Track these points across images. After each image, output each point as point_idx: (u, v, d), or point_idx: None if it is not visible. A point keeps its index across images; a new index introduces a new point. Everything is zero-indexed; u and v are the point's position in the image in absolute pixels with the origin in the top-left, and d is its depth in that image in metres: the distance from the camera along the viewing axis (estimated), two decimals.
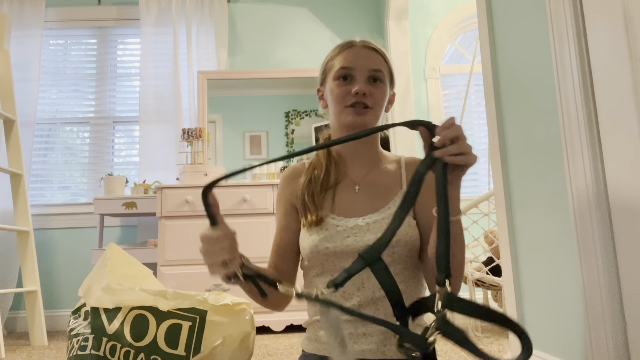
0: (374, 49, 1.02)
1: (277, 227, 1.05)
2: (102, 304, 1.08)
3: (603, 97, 1.13)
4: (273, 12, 3.54)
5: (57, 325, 3.01)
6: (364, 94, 0.96)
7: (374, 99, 0.97)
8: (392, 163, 1.05)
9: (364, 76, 0.98)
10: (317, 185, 1.00)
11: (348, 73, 0.98)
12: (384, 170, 1.03)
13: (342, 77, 0.99)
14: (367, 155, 1.04)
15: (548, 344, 1.40)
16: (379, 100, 0.99)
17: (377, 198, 0.98)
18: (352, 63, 0.98)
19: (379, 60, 1.00)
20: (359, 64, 0.98)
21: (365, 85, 0.97)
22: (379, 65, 1.00)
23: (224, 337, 1.06)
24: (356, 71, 0.98)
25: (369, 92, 0.97)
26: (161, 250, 2.57)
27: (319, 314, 0.68)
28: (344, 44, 1.03)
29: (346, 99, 0.97)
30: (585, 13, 1.18)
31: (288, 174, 1.09)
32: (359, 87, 0.96)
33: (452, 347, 2.04)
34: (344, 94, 0.98)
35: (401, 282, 0.92)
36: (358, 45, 1.02)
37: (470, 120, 3.53)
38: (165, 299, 1.08)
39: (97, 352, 1.04)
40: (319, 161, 1.05)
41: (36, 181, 3.32)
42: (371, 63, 0.99)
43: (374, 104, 0.98)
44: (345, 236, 0.93)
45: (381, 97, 0.99)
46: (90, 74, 3.48)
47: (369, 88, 0.97)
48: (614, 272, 1.11)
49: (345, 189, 1.01)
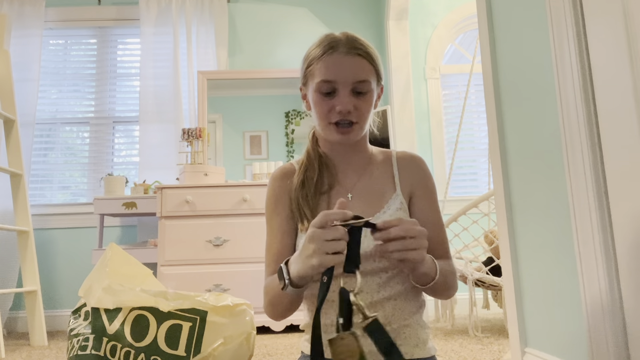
0: (358, 53, 0.92)
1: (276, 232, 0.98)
2: (103, 305, 1.08)
3: (603, 97, 1.13)
4: (273, 12, 3.55)
5: (57, 325, 3.01)
6: (348, 111, 0.91)
7: (359, 113, 0.92)
8: (383, 162, 1.02)
9: (348, 89, 0.91)
10: (310, 188, 0.96)
11: (331, 87, 0.92)
12: (376, 173, 1.00)
13: (324, 92, 0.92)
14: (357, 161, 1.01)
15: (548, 344, 1.40)
16: (364, 112, 0.93)
17: (371, 204, 0.96)
18: (334, 76, 0.91)
19: (364, 68, 0.92)
20: (341, 76, 0.91)
21: (349, 100, 0.91)
22: (363, 74, 0.92)
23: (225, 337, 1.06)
24: (339, 84, 0.91)
25: (353, 108, 0.91)
26: (161, 250, 2.57)
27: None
28: (326, 45, 0.93)
29: (330, 116, 0.93)
30: (585, 13, 1.18)
31: (281, 175, 1.02)
32: (342, 106, 0.90)
33: (452, 348, 2.04)
34: (327, 111, 0.93)
35: (397, 283, 0.91)
36: (341, 50, 0.92)
37: (470, 120, 3.53)
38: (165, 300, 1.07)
39: (98, 352, 1.04)
40: (310, 162, 1.00)
41: (36, 181, 3.32)
42: (355, 74, 0.91)
43: (359, 118, 0.93)
44: None
45: (367, 109, 0.94)
46: (90, 74, 3.48)
47: (353, 103, 0.91)
48: (614, 272, 1.11)
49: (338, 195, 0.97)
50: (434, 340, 2.21)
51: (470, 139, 3.55)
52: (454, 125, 3.45)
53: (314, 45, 0.97)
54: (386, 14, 3.36)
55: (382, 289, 0.90)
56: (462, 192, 3.46)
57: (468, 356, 1.86)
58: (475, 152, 3.55)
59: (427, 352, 0.92)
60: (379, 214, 0.95)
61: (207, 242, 2.59)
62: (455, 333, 2.39)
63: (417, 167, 1.02)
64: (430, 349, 0.93)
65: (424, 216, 0.97)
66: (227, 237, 2.59)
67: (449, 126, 3.51)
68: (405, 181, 0.99)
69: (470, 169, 3.55)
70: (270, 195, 1.02)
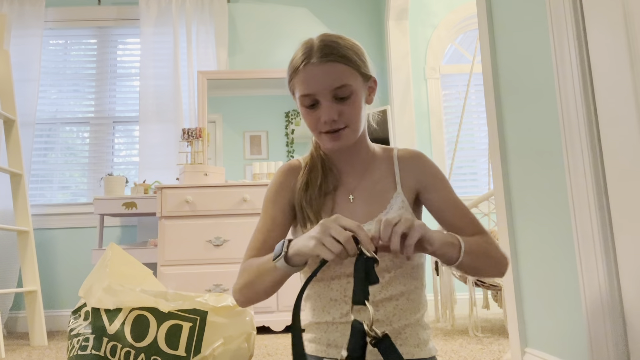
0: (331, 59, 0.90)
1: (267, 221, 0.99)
2: (103, 305, 1.08)
3: (603, 97, 1.13)
4: (273, 12, 3.55)
5: (57, 325, 3.01)
6: (332, 120, 0.91)
7: (345, 117, 0.92)
8: (385, 162, 1.02)
9: (328, 98, 0.91)
10: (314, 190, 0.97)
11: (312, 100, 0.92)
12: (377, 173, 1.01)
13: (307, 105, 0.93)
14: (358, 162, 1.01)
15: (548, 344, 1.40)
16: (351, 116, 0.93)
17: (373, 205, 0.97)
18: (312, 89, 0.90)
19: (341, 73, 0.90)
20: (319, 87, 0.90)
21: (331, 109, 0.90)
22: (341, 79, 0.90)
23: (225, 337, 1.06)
24: (319, 95, 0.91)
25: (338, 115, 0.91)
26: (161, 250, 2.57)
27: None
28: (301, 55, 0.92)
29: (318, 126, 0.94)
30: (585, 13, 1.18)
31: (288, 169, 1.04)
32: (326, 116, 0.91)
33: (452, 348, 2.04)
34: (314, 122, 0.94)
35: (400, 284, 0.92)
36: (314, 60, 0.90)
37: (470, 120, 3.53)
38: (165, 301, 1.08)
39: (98, 352, 1.04)
40: (314, 163, 1.01)
41: (36, 181, 3.32)
42: (332, 81, 0.90)
43: (348, 121, 0.92)
44: None
45: (354, 112, 0.93)
46: (90, 74, 3.48)
47: (337, 109, 0.91)
48: (614, 272, 1.11)
49: (340, 197, 0.99)
50: (434, 340, 2.21)
51: (470, 139, 3.55)
52: (454, 125, 3.45)
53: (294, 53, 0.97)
54: (386, 14, 3.36)
55: (384, 289, 0.91)
56: (462, 192, 3.46)
57: (468, 356, 1.86)
58: (475, 152, 3.55)
59: (428, 352, 0.92)
60: (382, 214, 0.95)
61: (207, 242, 2.59)
62: (455, 333, 2.39)
63: (419, 162, 1.01)
64: (431, 350, 0.94)
65: (442, 205, 0.98)
66: (227, 237, 2.59)
67: (449, 126, 3.51)
68: (407, 179, 0.99)
69: (470, 169, 3.55)
70: (272, 185, 1.03)
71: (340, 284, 0.92)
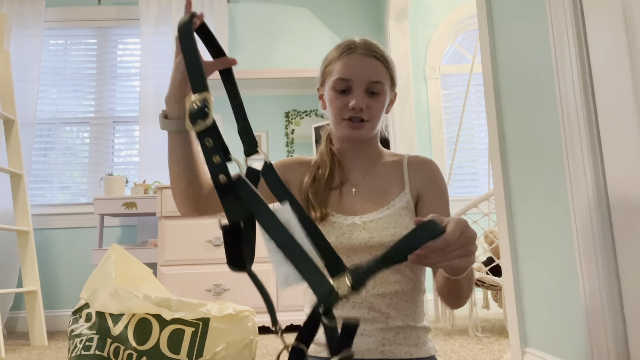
0: (374, 56, 0.98)
1: None
2: (107, 310, 1.08)
3: (603, 97, 1.13)
4: (273, 12, 3.54)
5: (57, 325, 3.01)
6: (360, 109, 0.95)
7: (370, 112, 0.97)
8: (393, 164, 1.04)
9: (362, 89, 0.96)
10: (320, 184, 0.99)
11: (346, 85, 0.96)
12: (383, 172, 1.03)
13: (340, 89, 0.97)
14: (366, 159, 1.04)
15: (548, 344, 1.40)
16: (376, 112, 0.98)
17: (373, 200, 0.98)
18: (350, 74, 0.96)
19: (379, 70, 0.98)
20: (356, 75, 0.96)
21: (362, 99, 0.95)
22: (378, 76, 0.97)
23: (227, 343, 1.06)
24: (354, 83, 0.96)
25: (365, 106, 0.96)
26: (161, 250, 2.57)
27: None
28: (344, 47, 0.99)
29: (343, 112, 0.97)
30: (585, 13, 1.18)
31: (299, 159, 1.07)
32: (356, 102, 0.95)
33: (452, 348, 2.04)
34: (341, 107, 0.97)
35: (395, 282, 0.92)
36: (358, 51, 0.97)
37: (470, 120, 3.53)
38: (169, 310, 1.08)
39: (102, 353, 1.04)
40: (323, 160, 1.04)
41: (36, 181, 3.32)
42: (370, 74, 0.96)
43: (371, 117, 0.97)
44: (340, 233, 0.93)
45: (379, 110, 0.98)
46: (90, 74, 3.48)
47: (366, 101, 0.96)
48: (614, 272, 1.11)
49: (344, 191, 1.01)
50: (434, 340, 2.21)
51: (470, 139, 3.55)
52: (454, 125, 3.45)
53: (334, 48, 1.03)
54: (386, 14, 3.36)
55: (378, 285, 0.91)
56: (462, 192, 3.46)
57: (468, 356, 1.86)
58: (475, 152, 3.55)
59: (427, 352, 0.92)
60: (382, 209, 0.96)
61: (207, 242, 2.59)
62: (455, 333, 2.39)
63: (428, 168, 1.03)
64: (430, 349, 0.94)
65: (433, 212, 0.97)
66: None
67: (449, 126, 3.51)
68: (414, 182, 1.00)
69: (470, 169, 3.55)
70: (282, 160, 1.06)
71: None
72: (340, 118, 0.98)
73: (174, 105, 0.81)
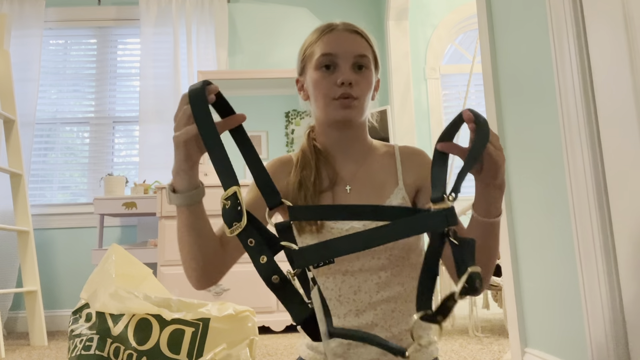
0: (356, 31, 0.92)
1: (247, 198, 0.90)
2: (108, 310, 1.08)
3: (603, 97, 1.13)
4: (273, 12, 3.55)
5: (57, 325, 3.01)
6: (349, 83, 0.88)
7: (360, 88, 0.90)
8: (385, 155, 0.98)
9: (349, 63, 0.90)
10: (309, 188, 0.90)
11: (331, 61, 0.90)
12: (376, 164, 0.96)
13: (324, 65, 0.90)
14: (356, 150, 0.96)
15: (548, 344, 1.40)
16: (365, 89, 0.91)
17: (370, 197, 0.92)
18: (334, 49, 0.90)
19: (364, 45, 0.92)
20: (342, 49, 0.90)
21: (350, 73, 0.89)
22: (363, 49, 0.91)
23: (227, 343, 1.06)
24: (339, 58, 0.89)
25: (354, 82, 0.89)
26: (161, 250, 2.57)
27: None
28: (323, 27, 0.93)
29: (332, 91, 0.89)
30: (585, 13, 1.18)
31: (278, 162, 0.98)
32: (344, 76, 0.88)
33: (452, 348, 2.04)
34: (328, 86, 0.89)
35: (398, 284, 0.89)
36: (339, 28, 0.92)
37: None
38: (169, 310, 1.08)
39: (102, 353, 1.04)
40: (306, 159, 0.94)
41: (36, 181, 3.32)
42: (355, 48, 0.90)
43: (360, 94, 0.90)
44: None
45: (367, 86, 0.92)
46: (90, 74, 3.48)
47: (354, 77, 0.89)
48: (614, 272, 1.11)
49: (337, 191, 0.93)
50: None
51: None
52: None
53: (310, 34, 0.97)
54: (386, 14, 3.36)
55: (381, 289, 0.87)
56: (462, 192, 3.42)
57: (468, 356, 1.86)
58: None
59: (430, 354, 0.89)
60: None
61: None
62: (455, 333, 2.39)
63: (422, 161, 0.97)
64: (433, 352, 0.91)
65: None
66: None
67: None
68: (409, 176, 0.95)
69: None
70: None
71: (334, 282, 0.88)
72: (329, 99, 0.90)
73: (183, 177, 0.74)
